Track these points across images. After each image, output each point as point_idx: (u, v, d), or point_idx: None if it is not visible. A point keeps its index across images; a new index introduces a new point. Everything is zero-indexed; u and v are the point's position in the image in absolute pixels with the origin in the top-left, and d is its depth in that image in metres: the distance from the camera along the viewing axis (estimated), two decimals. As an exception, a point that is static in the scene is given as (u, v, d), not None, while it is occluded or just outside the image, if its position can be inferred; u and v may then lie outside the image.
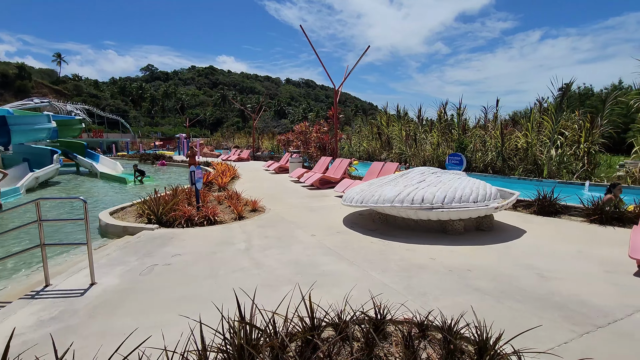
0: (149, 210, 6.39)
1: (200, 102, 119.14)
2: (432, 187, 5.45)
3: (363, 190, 5.99)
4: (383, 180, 6.42)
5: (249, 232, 5.71)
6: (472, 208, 5.06)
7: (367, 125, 23.91)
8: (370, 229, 5.85)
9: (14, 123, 12.43)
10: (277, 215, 7.04)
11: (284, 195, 9.62)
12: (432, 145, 15.99)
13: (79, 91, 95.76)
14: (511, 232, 5.55)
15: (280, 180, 13.21)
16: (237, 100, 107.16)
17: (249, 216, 7.04)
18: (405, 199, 5.23)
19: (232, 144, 43.91)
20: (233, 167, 16.06)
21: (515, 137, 13.14)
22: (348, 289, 3.42)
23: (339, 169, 11.30)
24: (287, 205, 8.06)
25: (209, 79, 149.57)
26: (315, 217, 6.85)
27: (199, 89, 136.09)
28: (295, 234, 5.57)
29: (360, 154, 22.05)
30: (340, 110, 13.59)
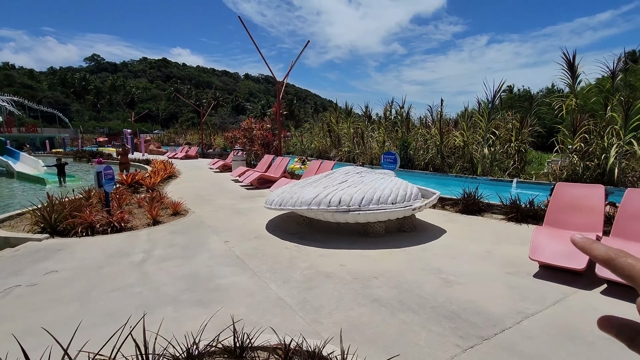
0: (39, 218, 5.59)
1: (152, 96, 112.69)
2: (352, 188, 5.24)
3: (284, 192, 5.66)
4: (308, 180, 6.14)
5: (155, 240, 5.16)
6: (389, 210, 4.91)
7: (319, 123, 23.72)
8: (292, 232, 5.54)
9: None
10: (198, 219, 6.52)
11: (216, 195, 9.06)
12: (379, 143, 16.09)
13: (10, 81, 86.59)
14: (432, 232, 5.50)
15: (220, 179, 12.56)
16: (192, 95, 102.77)
17: (166, 221, 6.46)
18: (322, 201, 4.97)
19: (184, 140, 41.92)
20: (172, 166, 15.11)
21: (454, 135, 13.52)
22: (237, 306, 3.07)
23: (279, 168, 10.92)
24: (215, 207, 7.55)
25: (162, 72, 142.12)
26: (239, 220, 6.42)
27: (151, 82, 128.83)
28: (207, 241, 5.12)
29: (311, 151, 21.82)
30: (284, 106, 13.16)
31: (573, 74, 11.00)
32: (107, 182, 6.45)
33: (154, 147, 29.82)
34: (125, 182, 9.51)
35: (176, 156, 23.92)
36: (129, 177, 9.64)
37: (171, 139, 47.20)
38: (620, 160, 9.42)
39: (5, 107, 40.57)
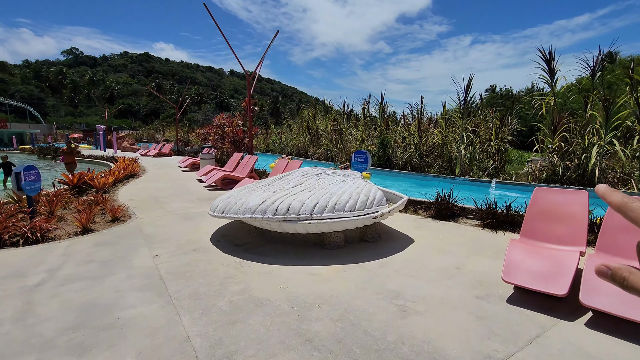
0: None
1: (133, 91, 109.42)
2: (306, 192, 4.55)
3: (230, 197, 4.92)
4: (260, 183, 5.42)
5: (72, 255, 4.36)
6: (346, 219, 4.24)
7: (298, 119, 22.98)
8: (238, 243, 4.82)
9: None
10: (138, 226, 5.71)
11: (173, 198, 8.23)
12: (357, 141, 15.47)
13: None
14: (397, 242, 4.86)
15: (185, 179, 11.70)
16: (174, 90, 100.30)
17: (100, 228, 5.64)
18: (268, 208, 4.26)
19: (162, 137, 40.48)
20: (137, 164, 14.14)
21: (432, 134, 13.00)
22: (124, 354, 2.34)
23: (246, 167, 10.15)
24: (164, 212, 6.74)
25: (143, 67, 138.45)
26: (184, 227, 5.65)
27: (133, 77, 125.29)
28: (134, 255, 4.34)
29: (290, 149, 21.08)
30: (255, 101, 12.39)
31: (551, 72, 10.61)
32: (29, 185, 5.58)
33: (127, 144, 28.50)
34: (71, 182, 8.58)
35: (148, 153, 22.78)
36: (76, 177, 8.70)
37: (150, 136, 45.62)
38: (601, 160, 9.03)
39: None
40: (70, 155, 12.55)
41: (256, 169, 12.01)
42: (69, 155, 12.51)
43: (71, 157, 12.54)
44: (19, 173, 5.42)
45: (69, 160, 12.47)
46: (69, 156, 12.48)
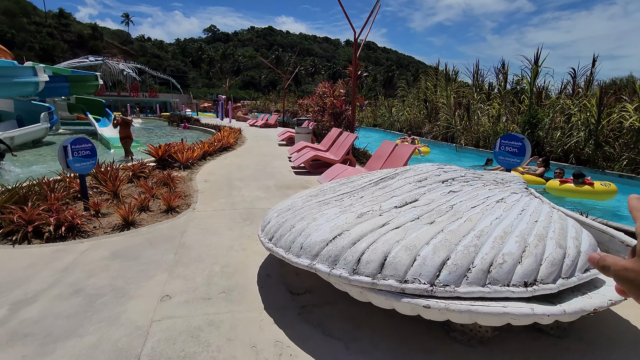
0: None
1: (257, 64, 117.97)
2: (424, 225, 2.23)
3: (291, 210, 2.95)
4: (341, 188, 3.27)
5: (66, 273, 3.06)
6: (514, 309, 1.81)
7: (414, 90, 19.68)
8: (296, 289, 2.87)
9: (-13, 75, 11.09)
10: (185, 225, 4.31)
11: (248, 181, 6.82)
12: (492, 119, 11.81)
13: (144, 51, 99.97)
14: (612, 341, 2.18)
15: (275, 155, 10.40)
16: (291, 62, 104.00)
17: (146, 221, 4.45)
18: (344, 253, 2.13)
19: (274, 107, 41.71)
20: (237, 134, 13.61)
21: (621, 109, 8.64)
22: None
23: (341, 148, 8.12)
24: (227, 204, 5.28)
25: (266, 40, 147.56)
26: (234, 237, 4.00)
27: (257, 50, 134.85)
28: (139, 287, 2.81)
29: (401, 124, 18.22)
30: (361, 65, 10.08)
31: None
32: (79, 161, 4.63)
33: (241, 114, 29.71)
34: (156, 154, 7.97)
35: (256, 124, 22.91)
36: (162, 148, 8.06)
37: (265, 106, 47.72)
38: None
39: (130, 74, 45.85)
40: (125, 127, 10.55)
41: (357, 147, 9.91)
42: (123, 127, 10.52)
43: (126, 130, 10.56)
44: (66, 147, 4.47)
45: (124, 134, 10.52)
46: (123, 129, 10.51)
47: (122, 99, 43.59)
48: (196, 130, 21.34)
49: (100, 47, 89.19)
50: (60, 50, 78.00)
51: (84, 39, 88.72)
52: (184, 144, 9.16)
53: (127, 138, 10.50)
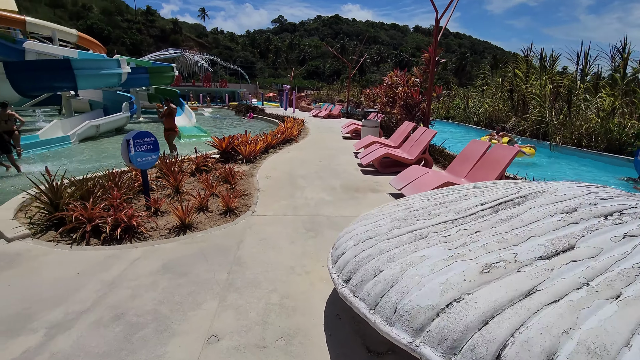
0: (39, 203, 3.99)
1: (321, 54, 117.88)
2: (602, 299, 1.34)
3: (373, 237, 2.22)
4: (444, 207, 2.43)
5: (108, 294, 2.71)
6: None
7: (497, 78, 17.47)
8: (376, 347, 2.16)
9: (79, 67, 12.00)
10: (242, 232, 3.84)
11: (312, 179, 6.23)
12: (602, 113, 9.74)
13: (217, 43, 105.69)
14: None
15: (340, 149, 9.70)
16: (356, 50, 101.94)
17: (203, 225, 4.09)
18: (468, 338, 1.34)
19: (337, 97, 40.98)
20: (300, 126, 13.20)
21: None
22: None
23: (417, 145, 7.13)
24: (288, 207, 4.74)
25: (332, 29, 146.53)
26: (295, 255, 3.40)
27: (322, 39, 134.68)
28: (185, 320, 2.33)
29: (478, 117, 16.32)
30: (441, 50, 8.88)
31: None
32: (141, 156, 4.41)
33: (304, 104, 29.53)
34: (220, 147, 7.76)
35: (319, 114, 22.43)
36: (226, 141, 7.84)
37: (328, 96, 47.23)
38: None
39: (203, 66, 48.49)
40: (169, 118, 9.26)
41: (432, 144, 8.80)
42: (168, 118, 9.25)
43: (171, 122, 9.30)
44: (129, 141, 4.25)
45: (168, 125, 9.30)
46: (168, 120, 9.27)
47: (195, 89, 46.34)
48: (261, 120, 21.55)
49: (180, 40, 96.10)
50: (146, 44, 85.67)
51: (166, 33, 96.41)
52: (248, 136, 8.90)
53: (172, 131, 9.40)
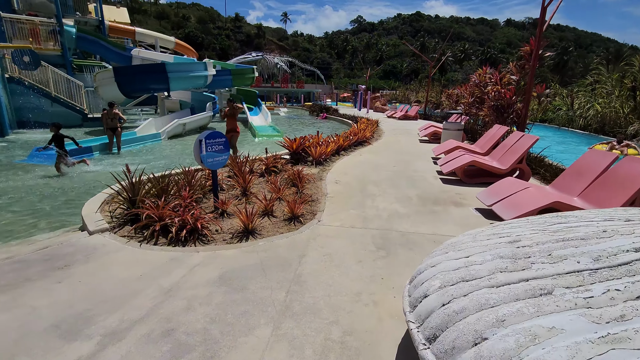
0: (119, 199, 4.17)
1: (399, 53, 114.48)
2: None
3: (467, 279, 1.67)
4: (572, 247, 1.76)
5: (164, 303, 2.59)
6: None
7: (615, 75, 14.70)
8: None
9: (171, 70, 13.13)
10: (305, 244, 3.52)
11: (385, 186, 5.70)
12: None
13: (296, 46, 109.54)
14: None
15: (417, 154, 8.93)
16: (437, 48, 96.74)
17: (267, 231, 3.90)
18: None
19: (414, 98, 39.17)
20: (374, 127, 12.64)
21: None
22: None
23: (511, 153, 6.11)
24: (357, 218, 4.30)
25: (412, 27, 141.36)
26: (362, 281, 2.95)
27: (401, 38, 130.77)
28: (225, 355, 2.07)
29: (586, 121, 13.91)
30: (546, 41, 7.60)
31: None
32: (212, 156, 4.39)
33: (379, 104, 28.71)
34: (291, 148, 7.65)
35: (394, 115, 21.53)
36: (297, 142, 7.70)
37: (405, 96, 45.44)
38: None
39: (282, 67, 50.46)
40: (232, 119, 8.80)
41: (531, 152, 7.57)
42: (230, 119, 8.79)
43: (232, 123, 8.83)
44: (201, 141, 4.25)
45: (230, 126, 8.82)
46: (230, 121, 8.81)
47: (274, 90, 48.49)
48: (333, 120, 21.42)
49: (262, 44, 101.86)
50: (233, 49, 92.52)
51: (250, 38, 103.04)
52: (319, 137, 8.67)
53: (234, 132, 8.85)
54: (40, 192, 6.18)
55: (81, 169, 7.92)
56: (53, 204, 5.54)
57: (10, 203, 5.55)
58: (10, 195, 5.92)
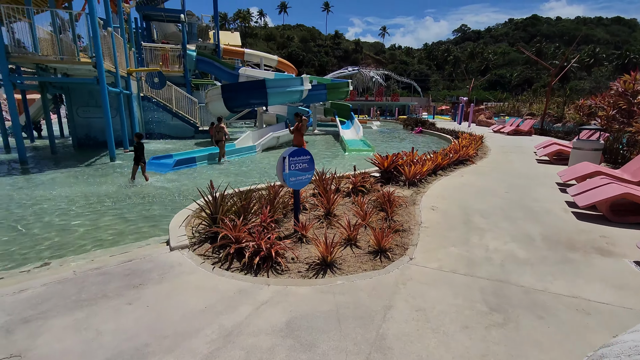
0: (203, 214, 4.12)
1: (509, 61, 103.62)
2: None
3: None
4: None
5: (230, 341, 2.22)
6: None
7: None
8: None
9: (270, 86, 13.76)
10: (392, 291, 2.87)
11: (495, 220, 4.63)
12: None
13: (393, 59, 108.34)
14: None
15: (535, 177, 7.34)
16: (557, 54, 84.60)
17: (347, 264, 3.37)
18: None
19: (526, 110, 34.45)
20: (478, 143, 11.15)
21: None
22: None
23: (690, 185, 4.40)
24: (458, 262, 3.45)
25: (527, 32, 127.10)
26: (474, 358, 2.16)
27: (512, 45, 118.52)
28: None
29: None
30: None
31: None
32: (295, 175, 4.07)
33: (483, 118, 25.93)
34: (382, 165, 7.00)
35: (502, 130, 19.03)
36: (389, 159, 7.01)
37: (514, 109, 40.41)
38: None
39: (377, 80, 50.10)
40: (299, 134, 8.29)
41: None
42: (297, 134, 8.32)
43: (299, 139, 8.36)
44: (285, 158, 3.97)
45: (297, 141, 8.39)
46: (297, 136, 8.36)
47: (367, 103, 48.30)
48: (430, 135, 19.93)
49: (359, 58, 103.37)
50: (331, 64, 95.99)
51: (348, 53, 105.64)
52: (414, 154, 7.83)
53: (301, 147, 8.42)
54: (150, 199, 6.75)
55: (188, 178, 8.56)
56: (153, 212, 5.94)
57: (120, 208, 6.14)
58: (125, 202, 6.59)
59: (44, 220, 5.42)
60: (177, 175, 8.78)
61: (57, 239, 4.70)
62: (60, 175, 8.71)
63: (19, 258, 4.12)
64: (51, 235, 4.81)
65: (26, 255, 4.19)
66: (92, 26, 9.75)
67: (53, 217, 5.57)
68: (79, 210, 5.90)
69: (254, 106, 15.27)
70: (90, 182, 8.00)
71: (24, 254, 4.22)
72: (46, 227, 5.14)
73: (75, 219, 5.49)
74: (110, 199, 6.60)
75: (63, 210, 5.90)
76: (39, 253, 4.25)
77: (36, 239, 4.67)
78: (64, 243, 4.55)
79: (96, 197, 6.74)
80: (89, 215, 5.63)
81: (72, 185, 7.66)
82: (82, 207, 6.11)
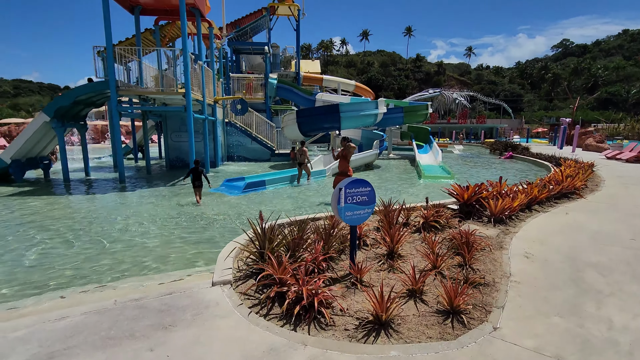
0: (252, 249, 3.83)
1: (625, 76, 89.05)
2: None
3: None
4: None
5: None
6: None
7: None
8: None
9: (344, 110, 13.59)
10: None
11: (621, 281, 3.43)
12: None
13: (479, 79, 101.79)
14: None
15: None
16: (694, 65, 69.76)
17: (409, 328, 2.68)
18: None
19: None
20: (587, 173, 9.23)
21: None
22: None
23: None
24: (572, 344, 2.49)
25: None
26: None
27: (628, 58, 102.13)
28: None
29: None
30: None
31: None
32: (352, 209, 3.56)
33: (592, 142, 22.10)
34: (461, 198, 6.04)
35: (619, 156, 15.82)
36: (470, 190, 6.02)
37: (633, 131, 33.90)
38: None
39: (460, 102, 47.17)
40: (344, 161, 7.43)
41: None
42: (343, 161, 7.44)
43: (345, 165, 7.43)
44: (340, 190, 3.50)
45: (342, 168, 7.45)
46: (343, 163, 7.45)
47: (449, 126, 45.53)
48: (523, 161, 17.53)
49: (442, 80, 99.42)
50: (411, 87, 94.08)
51: (429, 76, 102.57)
52: (502, 185, 6.67)
53: (345, 176, 7.28)
54: (209, 222, 6.83)
55: (253, 202, 8.63)
56: (213, 235, 5.91)
57: (187, 227, 6.25)
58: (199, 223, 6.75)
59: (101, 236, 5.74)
60: (244, 199, 8.89)
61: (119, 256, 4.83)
62: (146, 193, 9.51)
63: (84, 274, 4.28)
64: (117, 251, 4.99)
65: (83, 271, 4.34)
66: (183, 61, 10.81)
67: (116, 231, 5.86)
68: (146, 229, 6.15)
69: (327, 130, 15.26)
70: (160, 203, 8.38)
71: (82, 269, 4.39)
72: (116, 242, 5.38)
73: (142, 236, 5.69)
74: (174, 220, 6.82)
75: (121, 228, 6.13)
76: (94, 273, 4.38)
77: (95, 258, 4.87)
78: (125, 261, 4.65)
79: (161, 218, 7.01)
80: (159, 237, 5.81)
81: (147, 204, 8.19)
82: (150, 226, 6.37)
